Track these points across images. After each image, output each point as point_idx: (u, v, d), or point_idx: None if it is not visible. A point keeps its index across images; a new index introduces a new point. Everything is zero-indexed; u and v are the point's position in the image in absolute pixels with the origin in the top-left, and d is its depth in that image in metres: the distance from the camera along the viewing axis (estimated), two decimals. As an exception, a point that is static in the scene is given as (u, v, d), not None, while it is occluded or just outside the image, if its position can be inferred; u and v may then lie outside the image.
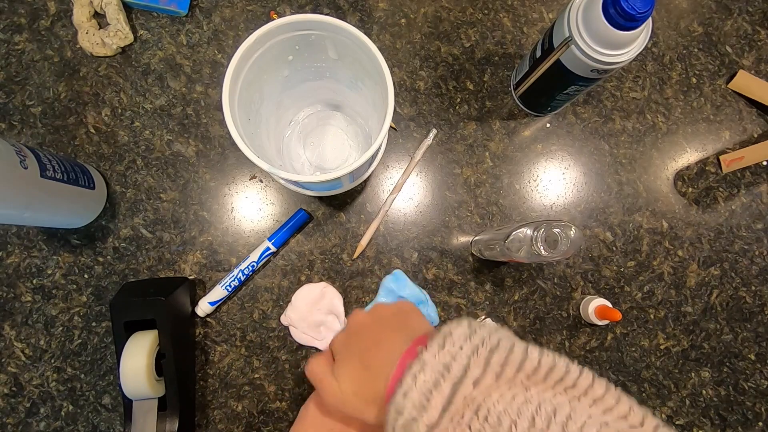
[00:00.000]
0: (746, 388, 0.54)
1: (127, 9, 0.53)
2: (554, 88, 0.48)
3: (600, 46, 0.39)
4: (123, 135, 0.52)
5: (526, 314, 0.53)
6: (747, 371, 0.54)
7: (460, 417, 0.25)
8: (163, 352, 0.45)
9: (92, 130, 0.52)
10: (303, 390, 0.50)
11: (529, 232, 0.40)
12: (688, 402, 0.53)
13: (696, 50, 0.57)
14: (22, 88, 0.52)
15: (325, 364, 0.34)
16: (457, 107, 0.55)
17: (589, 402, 0.26)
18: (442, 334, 0.28)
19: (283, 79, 0.44)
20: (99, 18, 0.53)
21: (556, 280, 0.53)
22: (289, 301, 0.51)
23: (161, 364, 0.45)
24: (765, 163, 0.56)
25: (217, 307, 0.50)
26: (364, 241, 0.52)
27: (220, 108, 0.53)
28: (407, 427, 0.26)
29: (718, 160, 0.56)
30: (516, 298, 0.53)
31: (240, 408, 0.50)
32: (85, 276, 0.51)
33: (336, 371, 0.33)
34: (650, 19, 0.38)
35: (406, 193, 0.53)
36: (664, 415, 0.53)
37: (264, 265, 0.52)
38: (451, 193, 0.53)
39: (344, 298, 0.52)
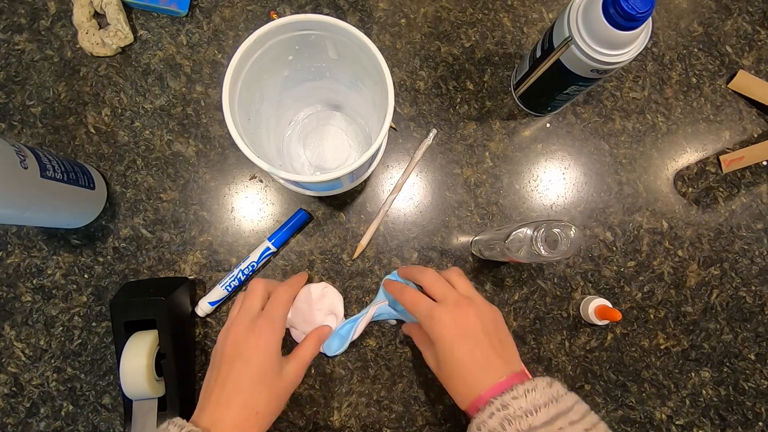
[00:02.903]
0: (746, 388, 0.54)
1: (127, 9, 0.53)
2: (554, 88, 0.48)
3: (600, 46, 0.39)
4: (123, 135, 0.52)
5: (526, 314, 0.53)
6: (747, 371, 0.54)
7: None
8: (163, 352, 0.45)
9: (92, 130, 0.52)
10: (303, 390, 0.50)
11: (529, 232, 0.40)
12: (688, 402, 0.53)
13: (696, 50, 0.57)
14: (22, 88, 0.52)
15: (422, 338, 0.44)
16: (457, 107, 0.55)
17: None
18: (547, 378, 0.37)
19: (283, 79, 0.44)
20: (99, 18, 0.53)
21: (556, 280, 0.53)
22: None
23: (161, 364, 0.45)
24: (765, 163, 0.56)
25: (217, 307, 0.50)
26: (364, 241, 0.52)
27: (220, 108, 0.53)
28: (510, 420, 0.34)
29: (718, 160, 0.56)
30: (516, 298, 0.53)
31: (240, 408, 0.50)
32: (85, 276, 0.51)
33: (437, 354, 0.41)
34: (650, 19, 0.38)
35: (406, 193, 0.53)
36: (664, 415, 0.53)
37: (264, 265, 0.52)
38: (451, 193, 0.53)
39: (344, 298, 0.52)
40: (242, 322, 0.40)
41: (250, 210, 0.52)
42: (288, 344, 0.51)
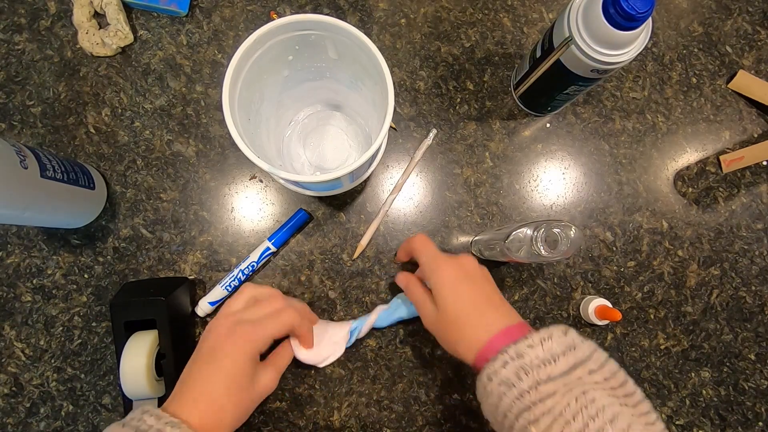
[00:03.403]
0: (746, 388, 0.54)
1: (127, 9, 0.53)
2: (554, 88, 0.48)
3: (600, 46, 0.39)
4: (123, 135, 0.52)
5: (526, 314, 0.53)
6: (747, 371, 0.54)
7: (570, 389, 0.31)
8: (163, 352, 0.45)
9: (92, 130, 0.52)
10: (303, 390, 0.50)
11: (529, 232, 0.40)
12: (688, 402, 0.53)
13: (696, 50, 0.57)
14: (22, 88, 0.52)
15: (421, 291, 0.43)
16: (457, 107, 0.55)
17: (638, 413, 0.33)
18: (562, 326, 0.36)
19: (283, 79, 0.44)
20: (99, 18, 0.53)
21: (556, 280, 0.53)
22: None
23: (161, 364, 0.45)
24: (765, 163, 0.56)
25: (217, 307, 0.50)
26: (364, 241, 0.52)
27: (220, 108, 0.53)
28: (526, 369, 0.32)
29: (718, 160, 0.56)
30: (516, 298, 0.53)
31: (240, 408, 0.50)
32: (85, 276, 0.51)
33: (438, 303, 0.40)
34: (650, 19, 0.38)
35: (406, 193, 0.53)
36: (664, 415, 0.53)
37: (264, 265, 0.52)
38: (451, 193, 0.53)
39: (344, 298, 0.52)
40: (225, 322, 0.40)
41: (250, 210, 0.52)
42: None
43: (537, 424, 0.31)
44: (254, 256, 0.50)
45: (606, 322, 0.51)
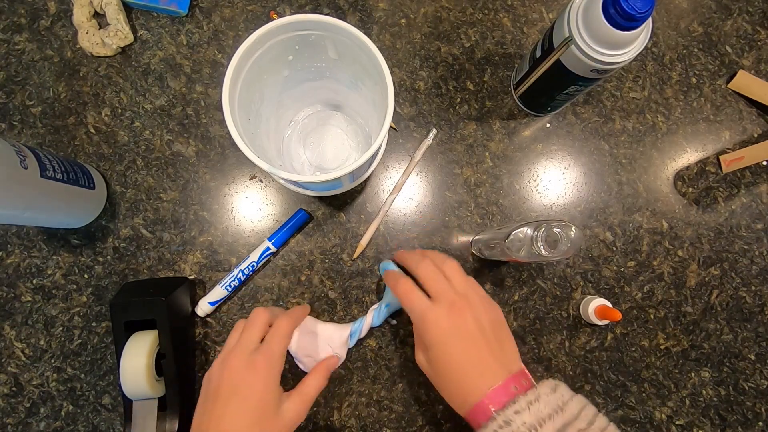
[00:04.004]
0: (746, 388, 0.54)
1: (127, 9, 0.53)
2: (554, 88, 0.48)
3: (600, 46, 0.39)
4: (123, 135, 0.52)
5: (526, 314, 0.53)
6: (747, 371, 0.54)
7: None
8: (163, 352, 0.45)
9: (92, 130, 0.52)
10: (303, 390, 0.50)
11: (529, 231, 0.40)
12: (688, 402, 0.53)
13: (696, 50, 0.57)
14: (22, 88, 0.52)
15: (424, 301, 0.40)
16: (457, 107, 0.55)
17: None
18: (551, 382, 0.36)
19: (283, 79, 0.44)
20: (99, 18, 0.53)
21: (556, 280, 0.53)
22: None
23: (161, 364, 0.45)
24: (765, 163, 0.56)
25: (217, 307, 0.50)
26: (364, 241, 0.52)
27: (220, 108, 0.53)
28: None
29: (718, 160, 0.56)
30: (516, 298, 0.53)
31: (240, 408, 0.50)
32: (85, 276, 0.51)
33: (428, 355, 0.40)
34: (650, 19, 0.38)
35: (406, 193, 0.53)
36: (664, 415, 0.53)
37: (264, 265, 0.52)
38: (451, 193, 0.53)
39: (344, 298, 0.52)
40: (240, 355, 0.38)
41: (250, 210, 0.52)
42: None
43: None
44: (254, 256, 0.50)
45: (606, 322, 0.51)
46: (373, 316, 0.49)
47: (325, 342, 0.48)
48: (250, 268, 0.50)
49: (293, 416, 0.39)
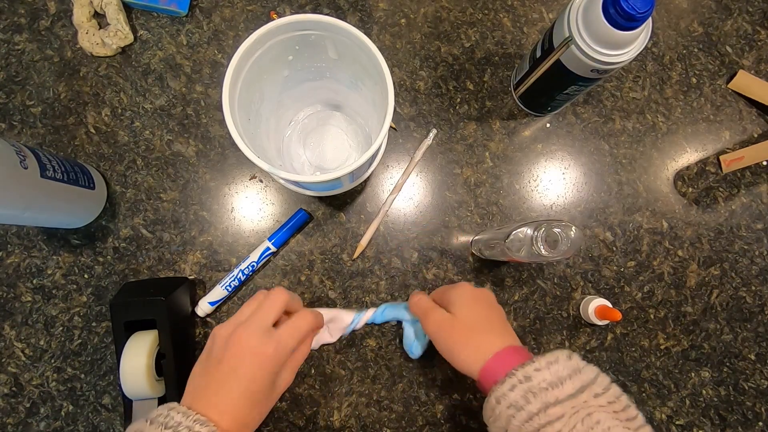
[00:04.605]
0: (746, 388, 0.54)
1: (127, 9, 0.53)
2: (554, 88, 0.48)
3: (600, 46, 0.39)
4: (123, 135, 0.52)
5: (526, 314, 0.53)
6: (747, 371, 0.54)
7: (576, 411, 0.32)
8: (163, 352, 0.45)
9: (92, 130, 0.52)
10: (303, 390, 0.50)
11: (529, 231, 0.40)
12: (688, 402, 0.53)
13: (696, 50, 0.57)
14: (22, 88, 0.52)
15: (431, 300, 0.44)
16: (457, 107, 0.55)
17: None
18: (566, 350, 0.37)
19: (283, 79, 0.44)
20: (99, 18, 0.53)
21: (556, 280, 0.53)
22: None
23: (161, 364, 0.45)
24: (765, 163, 0.56)
25: (217, 307, 0.50)
26: (364, 241, 0.52)
27: (220, 108, 0.53)
28: (534, 392, 0.33)
29: (718, 160, 0.56)
30: (516, 298, 0.53)
31: (240, 408, 0.50)
32: (85, 276, 0.51)
33: (453, 311, 0.42)
34: (650, 19, 0.38)
35: (406, 193, 0.53)
36: (664, 416, 0.53)
37: (264, 265, 0.52)
38: (451, 193, 0.53)
39: (344, 298, 0.52)
40: (253, 331, 0.38)
41: (250, 210, 0.52)
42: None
43: None
44: (254, 256, 0.50)
45: (606, 322, 0.51)
46: (374, 314, 0.49)
47: (333, 324, 0.49)
48: (250, 268, 0.50)
49: (285, 385, 0.40)
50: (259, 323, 0.39)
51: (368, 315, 0.49)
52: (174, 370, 0.45)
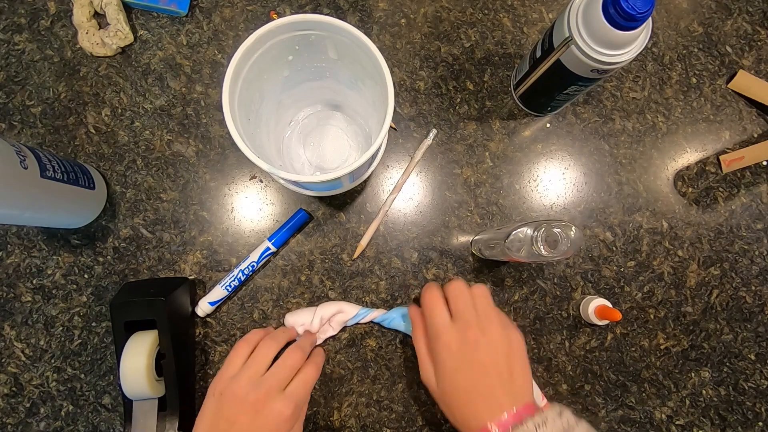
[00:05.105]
0: (746, 388, 0.54)
1: (127, 9, 0.53)
2: (554, 88, 0.48)
3: (600, 46, 0.39)
4: (123, 135, 0.52)
5: (526, 314, 0.53)
6: (747, 371, 0.54)
7: None
8: (163, 352, 0.45)
9: (92, 130, 0.52)
10: (303, 390, 0.50)
11: (529, 231, 0.40)
12: (688, 402, 0.53)
13: (696, 50, 0.57)
14: (22, 88, 0.52)
15: (425, 350, 0.43)
16: (457, 107, 0.55)
17: None
18: (557, 406, 0.37)
19: (283, 79, 0.44)
20: (99, 18, 0.53)
21: (556, 280, 0.53)
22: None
23: (161, 364, 0.45)
24: (765, 163, 0.56)
25: (217, 307, 0.50)
26: (364, 241, 0.52)
27: (220, 108, 0.53)
28: None
29: (718, 160, 0.56)
30: (516, 298, 0.53)
31: (240, 408, 0.50)
32: (85, 276, 0.51)
33: (436, 374, 0.42)
34: (650, 19, 0.38)
35: (406, 193, 0.53)
36: (664, 415, 0.53)
37: (264, 265, 0.52)
38: (451, 193, 0.53)
39: (344, 298, 0.52)
40: (252, 395, 0.39)
41: (250, 210, 0.52)
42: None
43: None
44: (254, 256, 0.50)
45: (606, 322, 0.51)
46: (384, 316, 0.50)
47: (338, 317, 0.49)
48: (250, 268, 0.50)
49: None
50: (272, 384, 0.40)
51: (375, 314, 0.50)
52: (174, 370, 0.45)
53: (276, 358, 0.43)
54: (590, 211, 0.54)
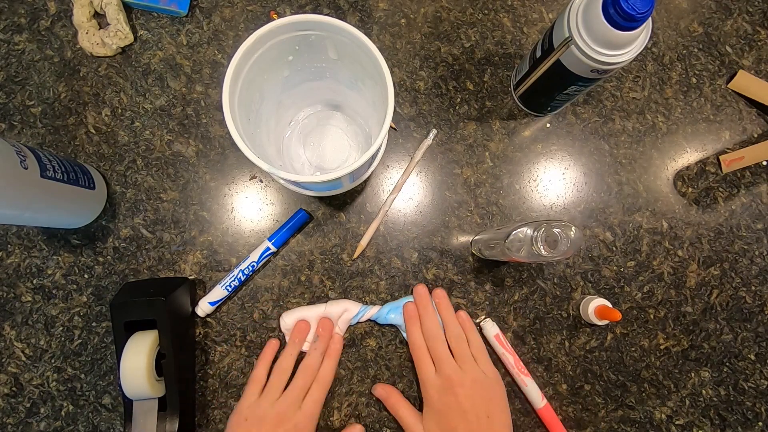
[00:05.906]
0: (746, 388, 0.54)
1: (127, 9, 0.53)
2: (554, 88, 0.48)
3: (600, 46, 0.39)
4: (123, 135, 0.52)
5: (526, 314, 0.53)
6: (747, 371, 0.54)
7: None
8: (163, 352, 0.45)
9: (92, 130, 0.52)
10: (303, 390, 0.50)
11: (529, 231, 0.40)
12: (688, 402, 0.53)
13: (696, 50, 0.57)
14: (22, 88, 0.52)
15: (429, 367, 0.47)
16: (457, 107, 0.55)
17: None
18: None
19: (283, 79, 0.44)
20: (99, 18, 0.53)
21: (556, 280, 0.53)
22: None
23: (161, 364, 0.45)
24: (765, 163, 0.56)
25: (217, 307, 0.50)
26: (364, 241, 0.52)
27: (220, 108, 0.53)
28: None
29: (718, 160, 0.56)
30: (516, 298, 0.53)
31: (240, 408, 0.50)
32: (85, 276, 0.51)
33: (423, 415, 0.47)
34: (650, 19, 0.38)
35: (406, 193, 0.53)
36: (664, 415, 0.53)
37: (264, 265, 0.52)
38: (451, 193, 0.54)
39: (344, 298, 0.52)
40: (269, 409, 0.44)
41: (250, 210, 0.52)
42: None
43: None
44: (254, 256, 0.50)
45: (606, 322, 0.51)
46: (378, 313, 0.50)
47: (342, 317, 0.50)
48: (250, 268, 0.50)
49: None
50: (290, 402, 0.45)
51: (372, 311, 0.50)
52: (174, 370, 0.45)
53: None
54: (590, 211, 0.54)
